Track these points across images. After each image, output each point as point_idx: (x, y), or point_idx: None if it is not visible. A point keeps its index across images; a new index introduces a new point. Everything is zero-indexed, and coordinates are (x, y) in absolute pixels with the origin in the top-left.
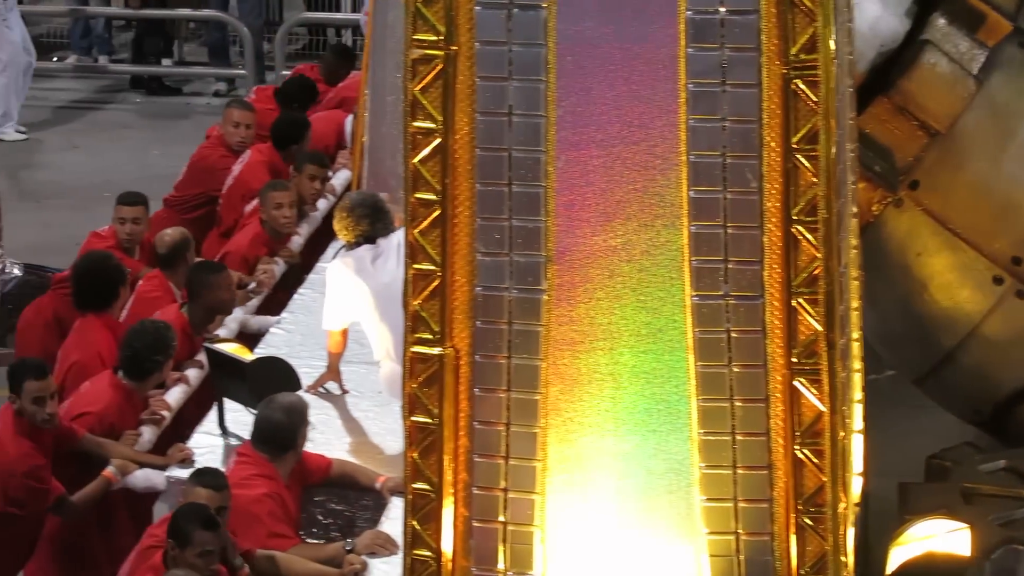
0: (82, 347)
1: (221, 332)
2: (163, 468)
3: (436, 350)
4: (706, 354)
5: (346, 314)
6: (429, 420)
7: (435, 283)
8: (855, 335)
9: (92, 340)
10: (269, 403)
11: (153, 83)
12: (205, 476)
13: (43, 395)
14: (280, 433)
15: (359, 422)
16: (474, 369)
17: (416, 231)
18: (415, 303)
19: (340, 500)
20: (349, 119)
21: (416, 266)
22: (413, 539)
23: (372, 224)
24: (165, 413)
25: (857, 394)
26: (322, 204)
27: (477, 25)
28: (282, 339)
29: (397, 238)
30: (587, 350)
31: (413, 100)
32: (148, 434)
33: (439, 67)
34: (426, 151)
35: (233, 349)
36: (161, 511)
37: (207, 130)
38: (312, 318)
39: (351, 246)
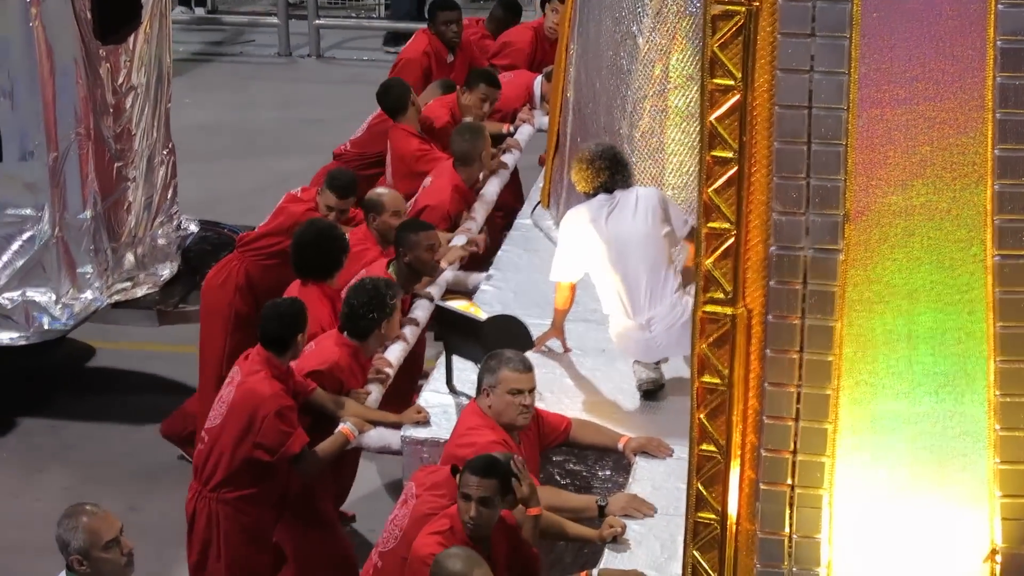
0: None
1: (431, 290)
2: (397, 427)
3: (728, 310)
4: (1007, 314)
5: (577, 266)
6: (718, 381)
7: (729, 242)
8: None
9: (314, 313)
10: (489, 358)
11: None
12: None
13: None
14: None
15: (588, 381)
16: (766, 329)
17: (710, 189)
18: (707, 262)
19: (579, 460)
20: (538, 79)
21: (710, 224)
22: (697, 501)
23: (612, 176)
24: (389, 371)
25: None
26: (509, 159)
27: None
28: (494, 296)
29: (636, 193)
30: (883, 311)
31: (712, 57)
32: (376, 392)
33: (740, 23)
34: (723, 108)
35: (464, 307)
36: None
37: None
38: (521, 275)
39: (588, 196)
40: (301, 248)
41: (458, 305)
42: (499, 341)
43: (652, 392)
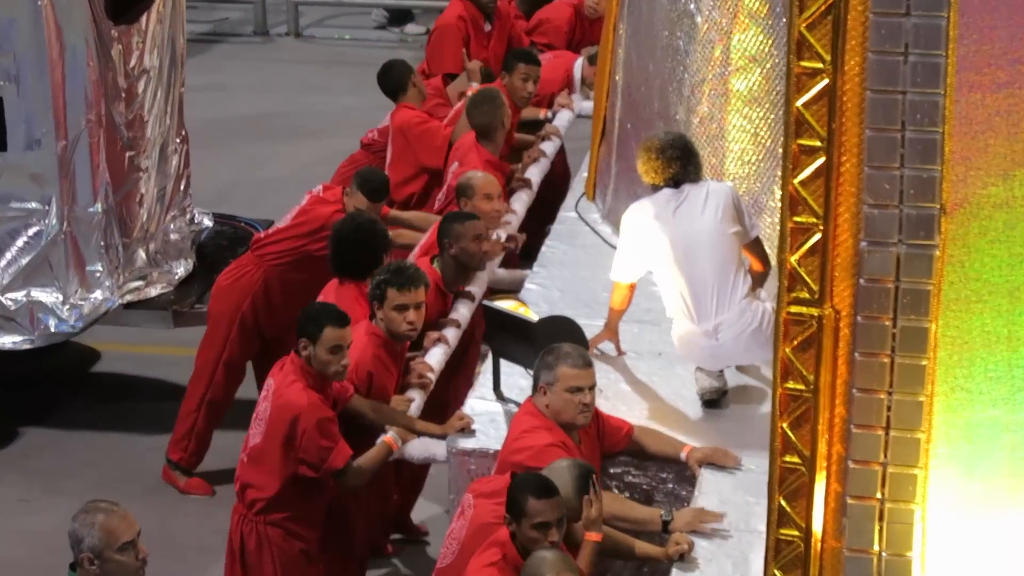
0: None
1: (472, 288)
2: (442, 437)
3: (814, 311)
4: None
5: (639, 265)
6: (803, 388)
7: (816, 237)
8: None
9: (351, 316)
10: (546, 354)
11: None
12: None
13: (341, 344)
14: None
15: (645, 385)
16: (855, 331)
17: (796, 180)
18: (792, 259)
19: (639, 471)
20: (579, 62)
21: (795, 219)
22: (779, 517)
23: (684, 167)
24: (431, 375)
25: None
26: (548, 147)
27: None
28: (539, 295)
29: (707, 188)
30: (981, 311)
31: (799, 38)
32: (418, 399)
33: (829, 1)
34: (811, 93)
35: (513, 307)
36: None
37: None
38: (567, 271)
39: (654, 189)
40: (340, 243)
41: (507, 305)
42: (552, 343)
43: (715, 401)
